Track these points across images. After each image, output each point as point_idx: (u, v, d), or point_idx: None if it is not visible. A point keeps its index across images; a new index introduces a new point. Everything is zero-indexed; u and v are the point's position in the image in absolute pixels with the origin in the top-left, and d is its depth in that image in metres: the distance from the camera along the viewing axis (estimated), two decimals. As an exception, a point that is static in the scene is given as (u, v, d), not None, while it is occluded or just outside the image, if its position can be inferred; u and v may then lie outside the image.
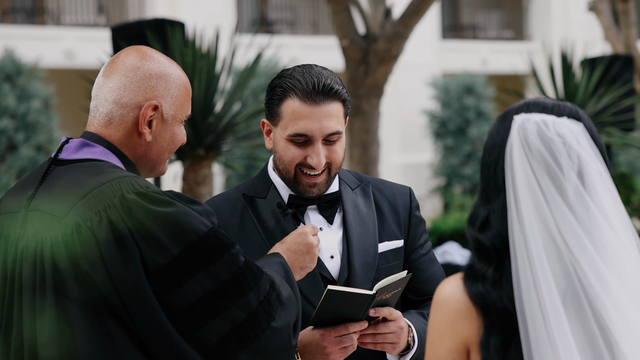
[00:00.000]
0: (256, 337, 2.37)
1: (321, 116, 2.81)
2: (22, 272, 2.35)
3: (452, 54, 23.49)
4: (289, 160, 2.84)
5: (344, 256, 2.90)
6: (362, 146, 9.21)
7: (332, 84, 2.83)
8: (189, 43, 7.53)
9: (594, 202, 1.99)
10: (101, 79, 2.53)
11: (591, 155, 2.01)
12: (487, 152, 2.06)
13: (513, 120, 2.04)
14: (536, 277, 1.94)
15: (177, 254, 2.30)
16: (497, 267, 1.99)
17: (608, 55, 10.23)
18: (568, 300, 1.95)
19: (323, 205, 2.92)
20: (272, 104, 2.86)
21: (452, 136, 19.55)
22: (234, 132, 7.77)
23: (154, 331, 2.29)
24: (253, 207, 2.92)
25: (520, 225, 1.97)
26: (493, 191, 2.03)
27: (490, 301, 1.97)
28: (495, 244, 2.00)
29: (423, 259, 3.03)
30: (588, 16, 21.66)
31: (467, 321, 1.99)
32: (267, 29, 21.92)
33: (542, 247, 1.96)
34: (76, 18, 20.65)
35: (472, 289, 1.99)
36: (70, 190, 2.37)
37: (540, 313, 1.93)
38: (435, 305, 2.03)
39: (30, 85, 15.48)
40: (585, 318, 1.95)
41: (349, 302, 2.66)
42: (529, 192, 1.98)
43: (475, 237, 2.04)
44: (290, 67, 2.92)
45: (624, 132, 9.90)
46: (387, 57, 9.10)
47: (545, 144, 2.00)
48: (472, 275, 2.01)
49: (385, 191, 3.04)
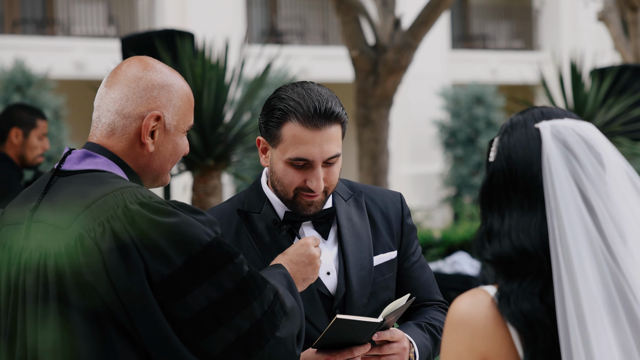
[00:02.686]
0: (260, 347, 2.37)
1: (322, 141, 2.76)
2: (26, 283, 2.35)
3: (461, 64, 23.48)
4: (288, 183, 2.81)
5: (340, 272, 2.89)
6: (372, 156, 9.21)
7: (333, 107, 2.78)
8: (199, 53, 7.53)
9: (631, 207, 1.98)
10: (103, 90, 2.53)
11: (619, 157, 2.00)
12: (522, 163, 2.00)
13: (539, 129, 2.02)
14: (579, 289, 1.92)
15: (181, 264, 2.30)
16: (539, 280, 1.96)
17: (617, 65, 10.21)
18: (609, 312, 1.93)
19: (318, 220, 2.90)
20: (271, 126, 2.81)
21: (462, 146, 19.54)
22: (243, 143, 7.77)
23: (158, 341, 2.29)
24: (248, 223, 2.89)
25: (562, 237, 1.94)
26: (532, 204, 1.98)
27: (537, 319, 1.94)
28: (531, 259, 1.96)
29: (415, 266, 3.01)
30: (597, 26, 21.63)
31: (485, 339, 1.96)
32: (276, 40, 21.94)
33: (586, 259, 1.93)
34: (86, 29, 20.70)
35: (515, 311, 1.94)
36: (73, 201, 2.37)
37: (585, 326, 1.91)
38: (451, 325, 1.99)
39: (41, 96, 15.51)
40: (623, 329, 1.93)
41: (356, 329, 2.67)
42: (571, 201, 1.95)
43: (504, 254, 1.98)
44: (287, 85, 2.86)
45: (633, 141, 9.87)
46: (397, 67, 9.10)
47: (590, 149, 1.98)
48: (507, 296, 1.96)
49: (378, 200, 3.01)
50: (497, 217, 2.02)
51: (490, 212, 2.04)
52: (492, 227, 2.02)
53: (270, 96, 2.86)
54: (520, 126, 2.05)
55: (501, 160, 2.04)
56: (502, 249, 1.99)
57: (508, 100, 19.24)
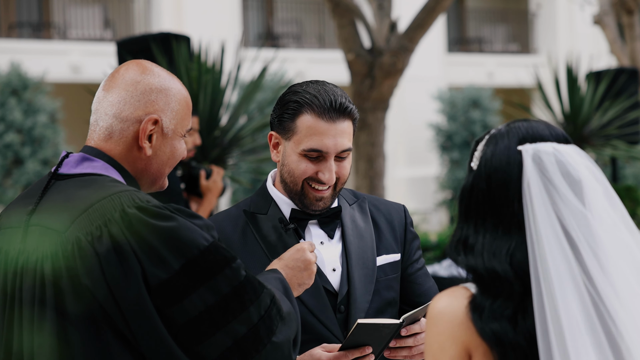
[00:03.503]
0: (257, 352, 2.37)
1: (336, 133, 2.86)
2: (23, 286, 2.35)
3: (458, 68, 23.50)
4: (300, 173, 2.88)
5: (343, 269, 2.94)
6: (368, 160, 9.20)
7: (347, 103, 2.89)
8: (195, 57, 7.54)
9: (610, 238, 2.00)
10: (101, 93, 2.53)
11: (600, 181, 2.02)
12: (501, 187, 2.04)
13: (522, 152, 2.04)
14: (560, 313, 1.93)
15: (178, 268, 2.30)
16: (509, 303, 1.99)
17: (613, 69, 10.23)
18: (591, 337, 1.95)
19: (324, 220, 2.96)
20: (285, 118, 2.90)
21: (459, 149, 19.55)
22: (239, 146, 7.77)
23: (154, 346, 2.29)
24: (254, 223, 2.95)
25: (542, 261, 1.96)
26: (506, 229, 2.02)
27: (507, 339, 1.96)
28: (502, 282, 1.99)
29: (418, 273, 3.08)
30: (593, 29, 21.67)
31: (466, 329, 2.00)
32: (273, 43, 21.95)
33: (567, 286, 1.95)
34: (82, 32, 20.70)
35: (486, 328, 1.98)
36: (70, 204, 2.36)
37: (566, 349, 1.93)
38: (431, 319, 2.03)
39: (37, 99, 15.51)
40: (605, 353, 1.95)
41: (378, 332, 2.71)
42: (550, 228, 1.97)
43: (478, 270, 2.02)
44: (301, 82, 2.97)
45: (629, 145, 9.89)
46: (393, 70, 9.11)
47: (571, 179, 2.00)
48: (480, 311, 1.99)
49: (381, 207, 3.10)
50: (472, 231, 2.06)
51: (467, 222, 2.08)
52: (468, 238, 2.06)
53: (284, 92, 2.97)
54: (504, 143, 2.08)
55: (482, 177, 2.07)
56: (476, 265, 2.03)
57: (504, 103, 19.25)
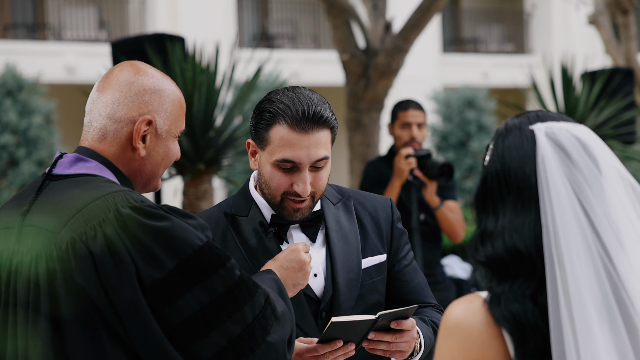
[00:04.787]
0: (251, 352, 2.37)
1: (309, 144, 2.78)
2: (17, 286, 2.35)
3: (453, 68, 23.51)
4: (275, 187, 2.82)
5: (327, 274, 2.89)
6: (363, 160, 9.19)
7: (322, 112, 2.79)
8: (189, 58, 7.52)
9: (627, 212, 1.97)
10: (95, 94, 2.53)
11: (613, 157, 2.00)
12: (516, 163, 2.00)
13: (534, 130, 2.01)
14: (573, 291, 1.91)
15: (172, 268, 2.30)
16: (530, 282, 1.95)
17: (608, 69, 10.23)
18: (604, 315, 1.92)
19: (306, 223, 2.90)
20: (260, 128, 2.83)
21: (454, 150, 19.54)
22: (234, 147, 7.76)
23: (149, 346, 2.29)
24: (235, 226, 2.90)
25: (556, 238, 1.92)
26: (525, 203, 1.97)
27: (526, 322, 1.92)
28: (523, 260, 1.95)
29: (406, 269, 3.02)
30: (588, 29, 21.68)
31: (480, 345, 1.95)
32: (268, 44, 21.94)
33: (582, 262, 1.92)
34: (77, 33, 20.68)
35: (505, 312, 1.93)
36: (64, 205, 2.36)
37: (576, 328, 1.90)
38: (446, 331, 1.98)
39: (32, 100, 15.50)
40: (620, 333, 1.92)
41: (353, 329, 2.68)
42: (568, 205, 1.94)
43: (497, 255, 1.97)
44: (279, 89, 2.87)
45: (624, 145, 9.89)
46: (388, 71, 9.10)
47: (586, 151, 1.97)
48: (498, 296, 1.95)
49: (367, 204, 3.02)
50: (491, 219, 2.01)
51: (485, 214, 2.03)
52: (486, 228, 2.01)
53: (261, 99, 2.88)
54: (515, 129, 2.04)
55: (495, 162, 2.03)
56: (495, 251, 1.98)
57: (499, 103, 19.25)
